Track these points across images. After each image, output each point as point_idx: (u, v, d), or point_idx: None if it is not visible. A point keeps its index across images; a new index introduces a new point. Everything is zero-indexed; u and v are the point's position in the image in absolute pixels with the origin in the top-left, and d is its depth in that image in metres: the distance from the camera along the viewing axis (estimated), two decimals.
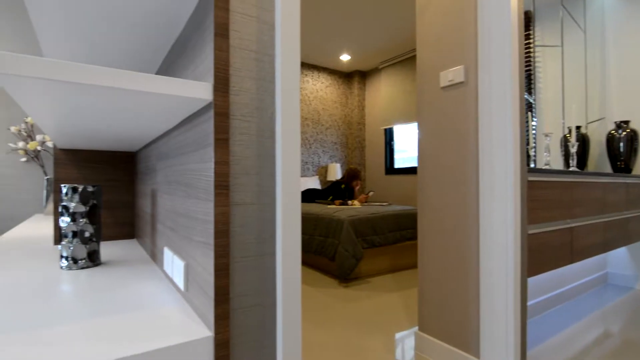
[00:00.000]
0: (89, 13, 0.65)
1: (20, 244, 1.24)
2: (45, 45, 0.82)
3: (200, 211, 0.56)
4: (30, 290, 0.71)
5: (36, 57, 0.40)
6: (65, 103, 0.53)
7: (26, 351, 0.45)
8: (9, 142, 2.91)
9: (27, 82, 0.42)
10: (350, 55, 5.11)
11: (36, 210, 3.04)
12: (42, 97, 0.49)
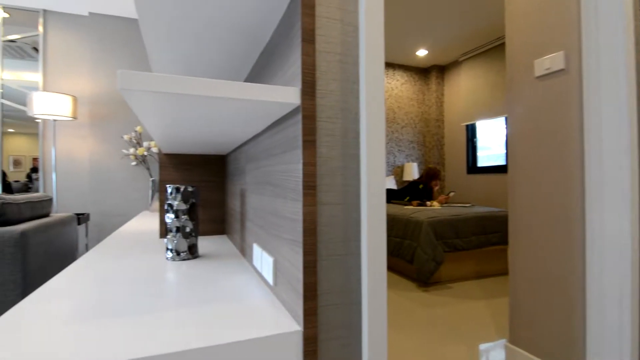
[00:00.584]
0: (189, 34, 0.73)
1: (132, 237, 1.43)
2: (155, 65, 0.93)
3: (289, 210, 0.58)
4: (143, 277, 0.81)
5: (151, 73, 0.46)
6: (171, 112, 0.60)
7: (147, 331, 0.52)
8: (122, 148, 3.37)
9: (143, 95, 0.48)
10: (427, 50, 4.91)
11: (143, 208, 3.49)
12: (154, 107, 0.56)
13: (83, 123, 3.41)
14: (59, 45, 3.42)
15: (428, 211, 3.08)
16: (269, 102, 0.52)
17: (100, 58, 3.42)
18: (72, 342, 0.48)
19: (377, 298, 0.55)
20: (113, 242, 1.27)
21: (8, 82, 3.32)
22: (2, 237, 1.35)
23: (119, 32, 3.47)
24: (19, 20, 3.35)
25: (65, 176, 3.39)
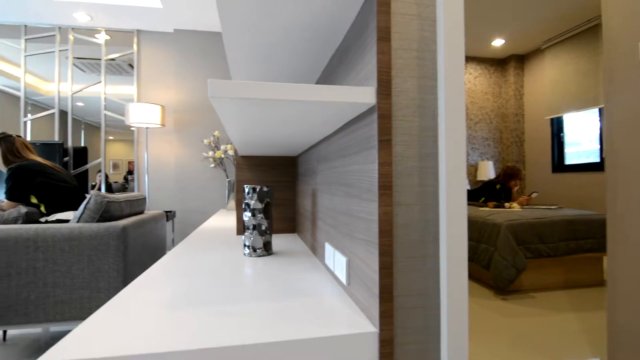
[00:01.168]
0: (266, 40, 0.76)
1: (212, 233, 1.54)
2: (235, 73, 0.99)
3: (363, 210, 0.58)
4: (224, 271, 0.87)
5: (236, 81, 0.49)
6: (251, 116, 0.63)
7: (231, 321, 0.56)
8: (203, 152, 3.66)
9: (229, 101, 0.52)
10: (504, 39, 4.55)
11: (220, 206, 3.75)
12: (237, 111, 0.59)
13: (170, 129, 3.78)
14: (150, 60, 3.83)
15: (507, 213, 2.85)
16: (345, 103, 0.53)
17: (184, 70, 3.75)
18: (169, 327, 0.54)
19: (458, 303, 0.52)
20: (196, 238, 1.38)
21: (109, 95, 3.80)
22: (108, 231, 1.56)
23: (199, 45, 3.78)
24: (118, 41, 3.82)
25: (156, 177, 3.78)
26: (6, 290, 1.51)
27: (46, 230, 1.52)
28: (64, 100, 3.74)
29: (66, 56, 3.74)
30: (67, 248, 1.53)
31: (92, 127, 3.82)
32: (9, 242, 1.50)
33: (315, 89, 0.51)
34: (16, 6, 3.35)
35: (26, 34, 3.68)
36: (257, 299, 0.66)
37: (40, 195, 1.87)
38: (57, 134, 3.71)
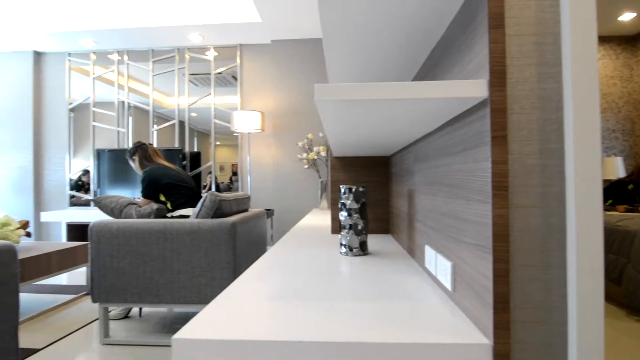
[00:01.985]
0: (365, 40, 0.77)
1: (308, 232, 1.61)
2: (332, 76, 1.02)
3: (472, 212, 0.54)
4: (322, 268, 0.90)
5: (341, 83, 0.50)
6: (353, 117, 0.64)
7: (333, 317, 0.57)
8: (297, 154, 3.85)
9: (333, 104, 0.53)
10: (635, 12, 3.81)
11: (313, 205, 3.90)
12: (340, 113, 0.61)
13: (268, 134, 4.07)
14: (250, 71, 4.17)
15: None
16: (453, 99, 0.50)
17: (280, 78, 4.00)
18: (278, 317, 0.58)
19: (592, 322, 0.45)
20: (294, 236, 1.46)
21: (217, 105, 4.25)
22: (220, 227, 1.75)
23: (293, 53, 3.98)
24: (224, 56, 4.24)
25: (256, 178, 4.11)
26: (143, 274, 1.80)
27: (173, 224, 1.77)
28: (182, 112, 4.30)
29: (183, 73, 4.30)
30: (189, 240, 1.76)
31: (202, 134, 4.32)
32: (145, 234, 1.79)
33: (422, 86, 0.50)
34: (146, 35, 3.97)
35: (153, 57, 4.33)
36: (358, 298, 0.67)
37: (167, 194, 2.19)
38: (176, 141, 4.29)
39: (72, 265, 2.58)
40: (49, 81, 4.51)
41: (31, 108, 4.44)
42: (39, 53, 4.51)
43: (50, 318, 2.28)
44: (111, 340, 1.90)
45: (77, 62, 4.47)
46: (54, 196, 4.48)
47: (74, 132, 4.46)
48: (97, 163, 4.29)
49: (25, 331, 2.08)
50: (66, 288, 2.94)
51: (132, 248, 1.80)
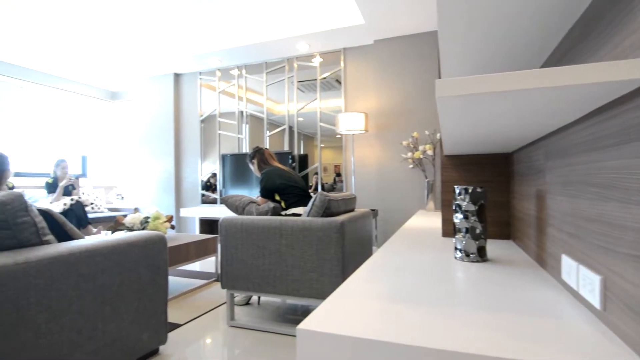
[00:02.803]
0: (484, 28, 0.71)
1: (416, 233, 1.56)
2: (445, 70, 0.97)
3: (631, 218, 0.46)
4: (436, 273, 0.86)
5: (465, 77, 0.47)
6: (474, 112, 0.60)
7: (452, 324, 0.55)
8: (401, 153, 3.76)
9: (455, 100, 0.51)
10: None
11: (419, 206, 3.76)
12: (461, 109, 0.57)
13: (371, 134, 4.07)
14: (354, 73, 4.24)
15: None
16: (607, 83, 0.43)
17: (383, 78, 3.97)
18: (391, 318, 0.57)
19: None
20: (402, 237, 1.43)
21: (323, 109, 4.43)
22: (330, 225, 1.83)
23: (396, 51, 3.91)
24: (328, 61, 4.40)
25: (360, 178, 4.16)
26: (262, 266, 1.99)
27: (287, 221, 1.92)
28: (290, 117, 4.61)
29: (292, 81, 4.60)
30: (301, 237, 1.88)
31: (307, 137, 4.56)
32: (264, 230, 1.98)
33: (567, 72, 0.44)
34: (261, 49, 4.37)
35: (266, 68, 4.74)
36: (479, 307, 0.62)
37: (281, 193, 2.39)
38: (285, 145, 4.61)
39: (204, 255, 2.99)
40: (185, 97, 5.33)
41: (172, 122, 5.30)
42: (178, 74, 5.36)
43: (188, 299, 2.69)
44: (235, 323, 2.15)
45: (206, 80, 5.18)
46: (189, 195, 5.26)
47: (203, 140, 5.17)
48: (222, 166, 4.89)
49: (169, 308, 2.49)
50: (199, 274, 3.43)
51: (253, 242, 2.01)
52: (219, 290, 2.91)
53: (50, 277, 1.28)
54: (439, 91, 0.48)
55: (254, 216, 2.08)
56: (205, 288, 2.97)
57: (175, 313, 2.38)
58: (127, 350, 1.58)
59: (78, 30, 3.89)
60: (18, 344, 1.19)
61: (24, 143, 4.89)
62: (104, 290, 1.48)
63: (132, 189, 5.82)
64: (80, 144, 5.69)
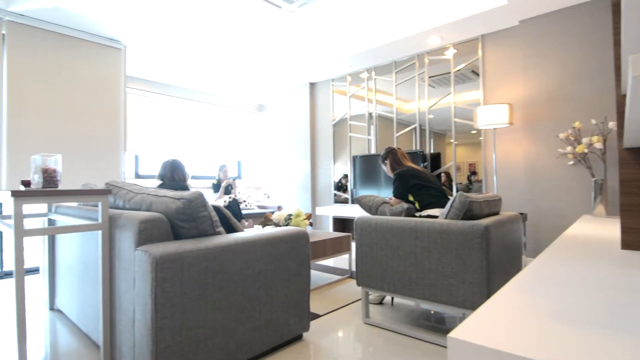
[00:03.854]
0: None
1: (582, 243, 1.31)
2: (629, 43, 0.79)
3: None
4: (618, 292, 0.71)
5: None
6: None
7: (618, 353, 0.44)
8: (558, 148, 3.21)
9: None
10: None
11: (582, 210, 3.14)
12: None
13: (517, 127, 3.61)
14: (494, 61, 3.82)
15: None
16: None
17: (531, 62, 3.46)
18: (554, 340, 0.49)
19: None
20: (563, 246, 1.22)
21: (457, 103, 4.14)
22: (472, 229, 1.70)
23: (549, 30, 3.35)
24: (463, 51, 4.09)
25: (504, 178, 3.72)
26: (397, 267, 1.98)
27: (423, 223, 1.86)
28: (421, 115, 4.45)
29: (422, 78, 4.44)
30: (439, 240, 1.80)
31: (438, 135, 4.32)
32: (398, 230, 1.97)
33: None
34: (390, 49, 4.35)
35: (395, 68, 4.70)
36: None
37: (415, 194, 2.33)
38: (416, 144, 4.47)
39: (339, 252, 3.15)
40: (319, 104, 5.71)
41: (308, 127, 5.75)
42: (313, 83, 5.79)
43: (325, 292, 2.87)
44: (370, 320, 2.19)
45: (337, 85, 5.45)
46: (323, 195, 5.62)
47: (335, 143, 5.45)
48: (352, 167, 5.07)
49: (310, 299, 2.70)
50: (334, 269, 3.62)
51: (387, 242, 2.02)
52: (353, 287, 3.01)
53: (222, 262, 1.55)
54: (636, 69, 0.40)
55: (388, 216, 2.08)
56: (340, 283, 3.12)
57: (315, 304, 2.58)
58: (278, 332, 1.79)
59: (232, 56, 4.60)
60: (200, 315, 1.48)
61: (197, 152, 6.04)
62: (260, 276, 1.70)
63: (276, 189, 6.55)
64: (236, 151, 6.70)
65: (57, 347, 1.96)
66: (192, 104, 6.04)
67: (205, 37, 4.07)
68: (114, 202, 1.99)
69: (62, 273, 2.36)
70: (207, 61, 4.79)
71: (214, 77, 5.45)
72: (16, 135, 3.49)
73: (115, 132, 4.16)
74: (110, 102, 4.13)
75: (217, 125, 6.40)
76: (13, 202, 1.43)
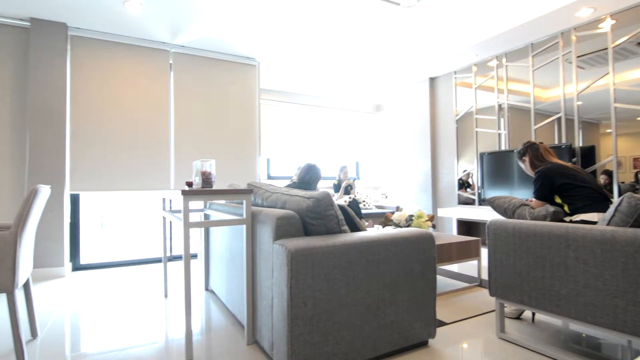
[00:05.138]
0: None
1: None
2: None
3: None
4: None
5: None
6: None
7: None
8: None
9: None
10: None
11: None
12: None
13: None
14: None
15: None
16: None
17: None
18: None
19: None
20: None
21: (618, 84, 3.40)
22: None
23: None
24: (625, 21, 3.34)
25: None
26: (541, 279, 1.73)
27: (577, 230, 1.58)
28: (566, 103, 3.79)
29: (567, 59, 3.78)
30: (599, 251, 1.50)
31: (588, 125, 3.61)
32: (544, 237, 1.71)
33: None
34: (524, 30, 3.84)
35: (532, 51, 4.12)
36: None
37: (564, 195, 1.99)
38: (560, 136, 3.83)
39: (466, 257, 2.92)
40: (440, 99, 5.42)
41: (429, 124, 5.51)
42: (433, 78, 5.52)
43: (451, 299, 2.69)
44: (506, 336, 1.97)
45: (461, 78, 5.07)
46: (446, 195, 5.31)
47: (458, 139, 5.08)
48: (479, 165, 4.64)
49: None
50: (460, 276, 3.38)
51: (529, 250, 1.78)
52: (484, 296, 2.76)
53: (348, 259, 1.60)
54: None
55: (529, 221, 1.83)
56: (467, 291, 2.90)
57: (441, 310, 2.45)
58: (402, 334, 1.76)
59: (351, 59, 4.71)
60: (329, 308, 1.56)
61: (319, 154, 6.40)
62: (384, 276, 1.70)
63: (394, 189, 6.46)
64: (354, 152, 6.86)
65: (210, 322, 2.33)
66: (313, 109, 6.42)
67: (325, 45, 4.28)
68: (254, 200, 2.25)
69: (214, 259, 2.78)
70: (328, 67, 5.03)
71: (333, 82, 5.69)
72: (180, 145, 4.29)
73: (252, 138, 4.72)
74: (248, 112, 4.71)
75: (336, 127, 6.66)
76: (182, 199, 1.76)
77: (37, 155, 3.52)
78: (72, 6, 3.34)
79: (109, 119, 3.94)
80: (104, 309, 2.61)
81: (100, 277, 3.60)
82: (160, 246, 4.49)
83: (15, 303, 1.69)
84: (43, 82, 3.56)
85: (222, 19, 3.63)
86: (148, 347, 1.95)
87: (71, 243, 3.85)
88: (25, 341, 2.03)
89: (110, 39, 3.93)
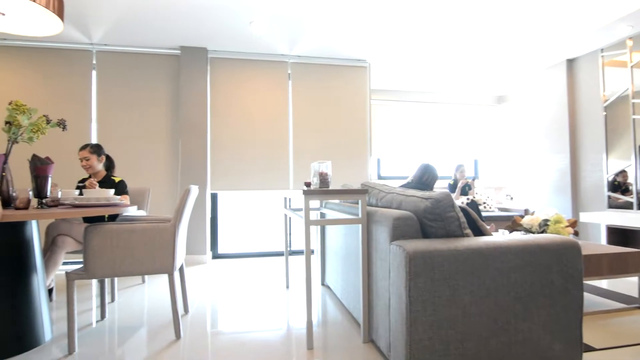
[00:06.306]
0: None
1: None
2: None
3: None
4: None
5: None
6: None
7: None
8: None
9: None
10: None
11: None
12: None
13: None
14: None
15: None
16: None
17: None
18: None
19: None
20: None
21: None
22: None
23: None
24: None
25: None
26: None
27: None
28: None
29: None
30: None
31: None
32: None
33: None
34: None
35: None
36: None
37: None
38: None
39: (622, 272, 2.41)
40: (581, 84, 4.60)
41: (566, 114, 4.73)
42: (570, 60, 4.72)
43: (601, 321, 2.26)
44: None
45: (609, 56, 4.22)
46: (590, 197, 4.48)
47: (607, 130, 4.24)
48: (638, 160, 3.79)
49: None
50: (613, 294, 2.81)
51: None
52: None
53: (472, 265, 1.49)
54: None
55: None
56: (623, 313, 2.40)
57: (587, 333, 2.08)
58: (538, 354, 1.55)
59: (468, 49, 4.35)
60: (451, 316, 1.47)
61: (433, 153, 6.10)
62: (516, 287, 1.53)
63: (521, 190, 5.74)
64: (472, 149, 6.33)
65: (327, 315, 2.43)
66: (426, 106, 6.16)
67: (439, 37, 4.06)
68: (368, 200, 2.28)
69: (330, 256, 2.91)
70: (442, 60, 4.76)
71: (448, 75, 5.35)
72: (297, 148, 4.61)
73: (363, 139, 4.78)
74: (359, 113, 4.78)
75: (451, 123, 6.25)
76: (304, 198, 1.88)
77: (186, 160, 4.23)
78: (211, 33, 3.91)
79: (239, 128, 4.48)
80: (236, 293, 2.97)
81: (233, 265, 4.12)
82: (281, 241, 4.90)
83: (174, 283, 2.05)
84: (190, 100, 4.26)
85: (333, 26, 3.77)
86: (273, 332, 2.15)
87: (211, 235, 4.50)
88: (181, 315, 2.44)
89: (239, 57, 4.47)
